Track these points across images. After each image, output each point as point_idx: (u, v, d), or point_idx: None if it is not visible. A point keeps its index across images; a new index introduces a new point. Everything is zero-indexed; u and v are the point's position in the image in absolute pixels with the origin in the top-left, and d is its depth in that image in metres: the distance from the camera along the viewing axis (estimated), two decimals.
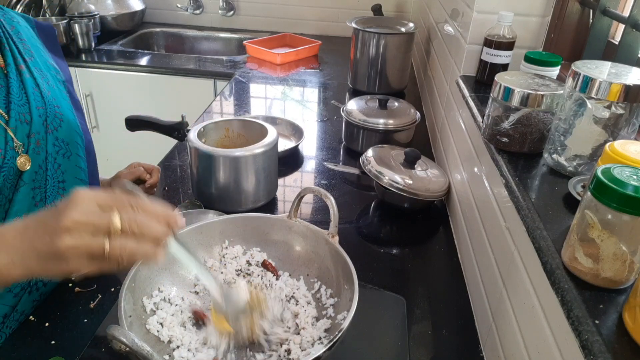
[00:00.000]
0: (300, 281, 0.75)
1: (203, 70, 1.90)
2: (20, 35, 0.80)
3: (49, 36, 0.88)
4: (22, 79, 0.75)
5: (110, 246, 0.47)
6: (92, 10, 2.11)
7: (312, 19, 2.38)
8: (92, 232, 0.46)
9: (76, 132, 0.82)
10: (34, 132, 0.73)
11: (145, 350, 0.51)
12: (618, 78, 0.58)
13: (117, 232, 0.47)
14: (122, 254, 0.47)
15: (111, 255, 0.47)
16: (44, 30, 0.88)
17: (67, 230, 0.46)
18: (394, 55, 1.63)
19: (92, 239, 0.46)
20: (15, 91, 0.73)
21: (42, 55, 0.83)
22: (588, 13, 1.05)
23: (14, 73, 0.74)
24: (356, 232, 1.00)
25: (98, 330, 0.71)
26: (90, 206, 0.47)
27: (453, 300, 0.85)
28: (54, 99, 0.79)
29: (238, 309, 0.63)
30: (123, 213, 0.48)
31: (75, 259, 0.47)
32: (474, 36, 1.00)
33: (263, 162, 0.98)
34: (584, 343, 0.41)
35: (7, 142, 0.69)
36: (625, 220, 0.42)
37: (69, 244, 0.46)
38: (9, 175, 0.69)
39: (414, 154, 1.04)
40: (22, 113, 0.73)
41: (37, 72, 0.78)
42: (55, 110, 0.78)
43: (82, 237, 0.46)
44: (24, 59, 0.77)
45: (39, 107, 0.75)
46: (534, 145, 0.71)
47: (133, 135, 1.14)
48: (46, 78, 0.80)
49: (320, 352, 0.55)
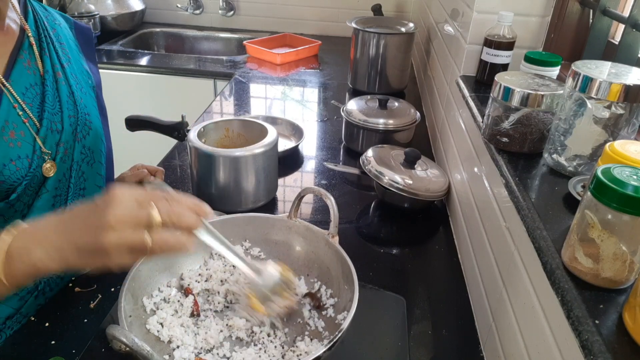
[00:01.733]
0: (300, 281, 0.75)
1: (203, 70, 1.90)
2: (60, 38, 0.79)
3: (86, 39, 0.87)
4: (58, 87, 0.75)
5: (152, 239, 0.49)
6: (92, 10, 2.11)
7: (312, 19, 2.38)
8: (134, 227, 0.49)
9: (101, 140, 0.82)
10: (63, 142, 0.73)
11: (145, 350, 0.51)
12: (618, 78, 0.58)
13: (158, 224, 0.50)
14: (162, 245, 0.50)
15: (154, 247, 0.49)
16: (82, 32, 0.87)
17: (111, 228, 0.48)
18: (394, 55, 1.63)
19: (134, 233, 0.48)
20: (50, 99, 0.72)
21: (77, 59, 0.83)
22: (588, 13, 1.05)
23: (50, 80, 0.74)
24: (356, 232, 1.00)
25: (98, 330, 0.71)
26: (130, 203, 0.49)
27: (453, 300, 0.85)
28: (85, 106, 0.79)
29: (273, 284, 0.66)
30: (160, 207, 0.50)
31: (117, 253, 0.48)
32: (474, 36, 1.00)
33: (263, 162, 0.98)
34: (584, 343, 0.41)
35: (35, 151, 0.69)
36: (625, 220, 0.42)
37: (112, 241, 0.48)
38: (32, 182, 0.69)
39: (414, 154, 1.04)
40: (54, 122, 0.73)
41: (72, 79, 0.78)
42: (86, 118, 0.78)
43: (125, 232, 0.48)
44: (61, 64, 0.77)
45: (70, 116, 0.75)
46: (534, 145, 0.71)
47: (133, 135, 1.14)
48: (80, 84, 0.80)
49: (320, 352, 0.55)
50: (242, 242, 0.78)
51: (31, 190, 0.69)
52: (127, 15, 2.21)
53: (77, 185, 0.77)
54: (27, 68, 0.71)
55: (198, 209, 0.55)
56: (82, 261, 0.50)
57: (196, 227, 0.53)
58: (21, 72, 0.70)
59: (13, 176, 0.66)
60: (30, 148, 0.69)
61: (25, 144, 0.68)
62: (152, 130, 1.08)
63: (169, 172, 1.18)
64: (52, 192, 0.72)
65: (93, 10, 2.11)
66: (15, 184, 0.67)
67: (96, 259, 0.49)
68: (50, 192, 0.72)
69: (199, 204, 0.55)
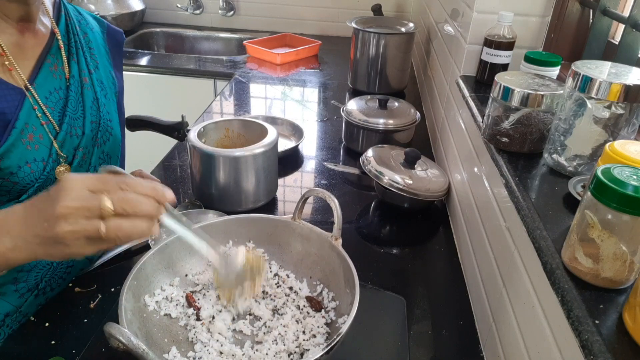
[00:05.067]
0: (303, 283, 0.75)
1: (203, 70, 1.90)
2: (90, 43, 0.79)
3: (117, 44, 0.87)
4: (83, 92, 0.75)
5: (105, 227, 0.48)
6: (92, 11, 2.10)
7: (312, 19, 2.38)
8: (87, 216, 0.48)
9: (120, 146, 0.83)
10: (82, 146, 0.74)
11: (141, 348, 0.51)
12: (618, 78, 0.58)
13: (110, 213, 0.48)
14: (118, 233, 0.49)
15: (108, 236, 0.48)
16: (114, 36, 0.87)
17: (63, 217, 0.47)
18: (394, 55, 1.63)
19: (87, 222, 0.48)
20: (72, 104, 0.73)
21: (105, 64, 0.82)
22: (588, 13, 1.05)
23: (75, 85, 0.74)
24: (356, 232, 1.00)
25: (98, 330, 0.71)
26: (81, 191, 0.49)
27: (453, 300, 0.85)
28: (107, 112, 0.79)
29: (236, 270, 0.65)
30: (113, 195, 0.49)
31: (74, 242, 0.48)
32: (474, 36, 1.00)
33: (263, 162, 0.98)
34: (584, 343, 0.41)
35: (51, 155, 0.70)
36: (625, 220, 0.42)
37: (65, 230, 0.47)
38: (45, 185, 0.69)
39: (414, 154, 1.04)
40: (75, 127, 0.73)
41: (98, 85, 0.78)
42: (107, 124, 0.78)
43: (78, 221, 0.48)
44: (89, 70, 0.77)
45: (93, 122, 0.75)
46: (534, 145, 0.71)
47: (133, 135, 1.14)
48: (104, 90, 0.80)
49: (318, 356, 0.55)
50: (247, 242, 0.78)
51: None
52: (127, 15, 2.21)
53: None
54: (53, 72, 0.71)
55: (156, 194, 0.52)
56: (46, 251, 0.50)
57: (155, 214, 0.52)
58: (46, 76, 0.70)
59: (27, 178, 0.66)
60: (46, 151, 0.69)
61: (43, 147, 0.69)
62: (152, 130, 1.08)
63: (169, 172, 1.18)
64: None
65: (93, 10, 2.11)
66: (29, 186, 0.67)
67: (56, 248, 0.49)
68: None
69: (157, 188, 0.53)
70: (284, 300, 0.72)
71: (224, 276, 0.66)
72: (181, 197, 1.08)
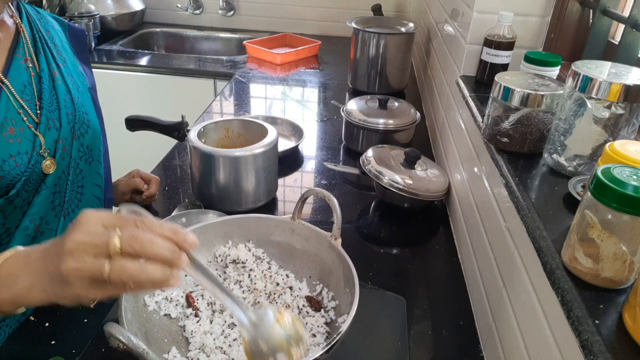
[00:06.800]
0: (302, 282, 0.75)
1: (203, 70, 1.90)
2: (54, 40, 0.80)
3: (79, 41, 0.87)
4: (55, 85, 0.75)
5: (110, 268, 0.42)
6: (92, 10, 2.10)
7: (312, 19, 2.38)
8: (94, 254, 0.43)
9: (99, 139, 0.83)
10: (62, 139, 0.74)
11: (141, 348, 0.51)
12: (618, 78, 0.58)
13: (117, 251, 0.43)
14: (123, 276, 0.42)
15: (112, 277, 0.42)
16: (76, 34, 0.87)
17: (70, 252, 0.43)
18: (394, 55, 1.63)
19: (93, 260, 0.43)
20: (46, 97, 0.73)
21: (72, 61, 0.83)
22: (588, 13, 1.05)
23: (47, 78, 0.74)
24: (356, 232, 1.00)
25: (98, 330, 0.71)
26: (94, 227, 0.44)
27: (453, 300, 0.85)
28: (82, 105, 0.79)
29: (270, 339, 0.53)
30: (124, 231, 0.44)
31: (77, 281, 0.43)
32: (474, 36, 1.00)
33: (263, 162, 0.98)
34: (584, 343, 0.41)
35: (35, 148, 0.70)
36: (625, 220, 0.42)
37: (70, 266, 0.43)
38: (32, 178, 0.69)
39: (414, 154, 1.04)
40: (52, 119, 0.73)
41: (69, 79, 0.78)
42: (84, 117, 0.79)
43: (84, 259, 0.43)
44: (57, 64, 0.77)
45: (68, 114, 0.75)
46: (534, 145, 0.71)
47: (133, 136, 1.14)
48: (76, 84, 0.80)
49: (318, 355, 0.55)
50: (246, 242, 0.78)
51: (30, 187, 0.70)
52: (127, 15, 2.21)
53: (75, 182, 0.77)
54: (24, 66, 0.72)
55: (176, 236, 0.45)
56: (55, 292, 0.45)
57: (172, 259, 0.45)
58: (19, 69, 0.71)
59: (12, 172, 0.66)
60: (29, 144, 0.69)
61: (25, 140, 0.69)
62: (152, 130, 1.08)
63: (169, 172, 1.18)
64: (51, 189, 0.73)
65: (93, 10, 2.11)
66: (15, 180, 0.67)
67: (62, 288, 0.45)
68: (50, 189, 0.72)
69: (178, 231, 0.46)
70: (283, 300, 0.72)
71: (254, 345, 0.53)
72: (181, 197, 1.08)
